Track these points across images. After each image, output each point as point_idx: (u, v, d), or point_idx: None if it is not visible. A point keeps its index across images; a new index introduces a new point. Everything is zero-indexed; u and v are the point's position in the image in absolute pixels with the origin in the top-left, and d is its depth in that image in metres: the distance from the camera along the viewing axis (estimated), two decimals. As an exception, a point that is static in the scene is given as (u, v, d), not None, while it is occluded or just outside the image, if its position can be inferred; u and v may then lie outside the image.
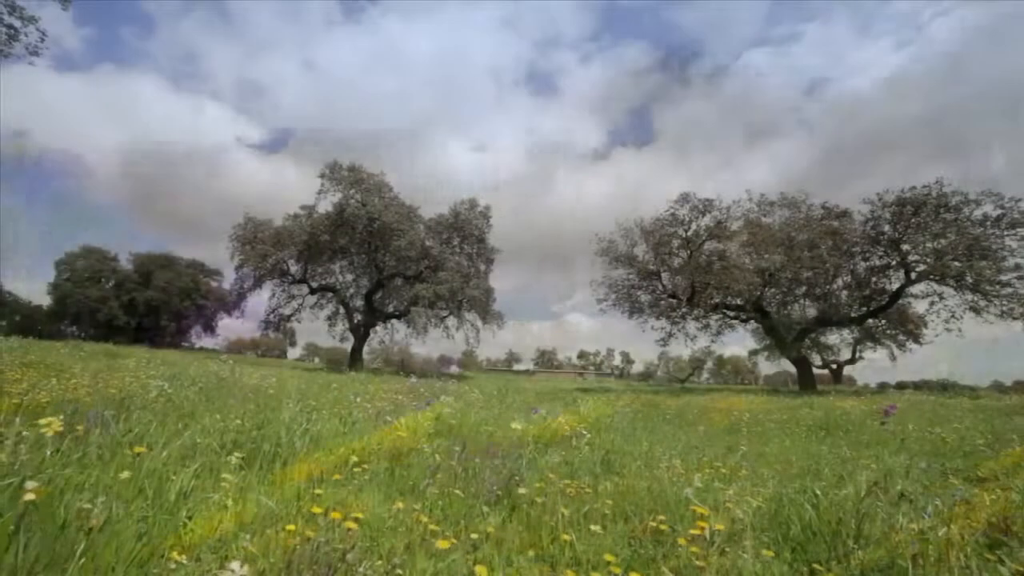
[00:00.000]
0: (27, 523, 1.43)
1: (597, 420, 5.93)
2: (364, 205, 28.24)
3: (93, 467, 2.10)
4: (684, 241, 30.09)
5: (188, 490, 1.92)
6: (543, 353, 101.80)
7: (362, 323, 32.92)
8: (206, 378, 9.15)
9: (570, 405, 11.66)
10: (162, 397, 5.84)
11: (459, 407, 6.00)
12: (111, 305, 59.94)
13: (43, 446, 2.36)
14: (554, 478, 2.80)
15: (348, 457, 3.27)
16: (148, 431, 3.12)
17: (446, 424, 4.89)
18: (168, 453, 2.37)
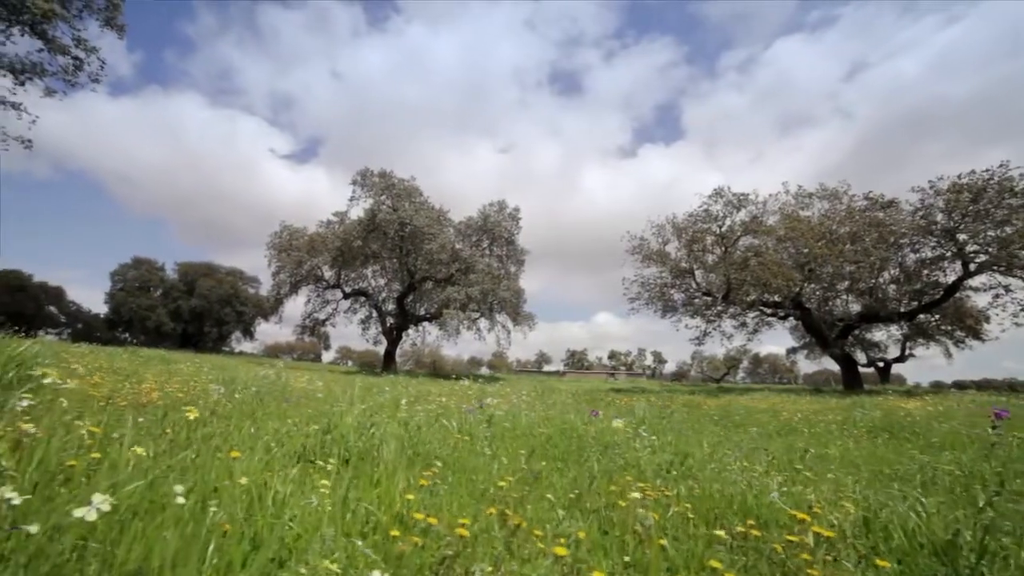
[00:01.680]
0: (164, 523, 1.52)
1: (649, 421, 5.83)
2: (395, 210, 28.82)
3: (196, 470, 2.20)
4: (718, 237, 29.30)
5: (287, 494, 1.99)
6: (573, 354, 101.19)
7: (394, 326, 33.55)
8: (257, 382, 9.51)
9: (610, 406, 11.53)
10: (223, 400, 6.09)
11: (507, 409, 6.02)
12: (159, 312, 63.31)
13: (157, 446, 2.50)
14: (630, 480, 2.76)
15: (413, 460, 3.33)
16: (228, 433, 3.26)
17: (500, 427, 4.91)
18: (259, 457, 2.47)
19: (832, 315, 27.43)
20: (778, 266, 25.19)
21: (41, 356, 5.06)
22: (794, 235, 25.74)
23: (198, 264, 66.00)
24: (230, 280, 63.71)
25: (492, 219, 31.85)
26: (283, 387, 8.80)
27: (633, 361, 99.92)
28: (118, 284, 64.11)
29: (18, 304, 59.60)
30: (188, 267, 65.40)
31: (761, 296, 28.42)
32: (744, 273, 26.38)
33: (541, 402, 9.19)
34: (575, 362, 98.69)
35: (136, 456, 2.30)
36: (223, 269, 65.63)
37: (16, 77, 15.64)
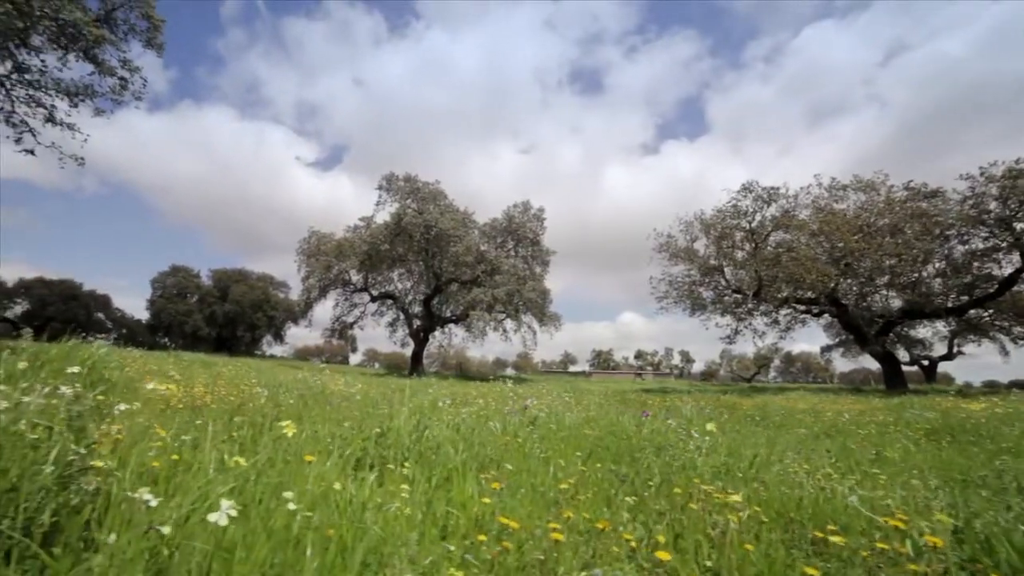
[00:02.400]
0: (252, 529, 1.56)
1: (698, 422, 5.72)
2: (421, 213, 29.21)
3: (276, 474, 2.26)
4: (748, 233, 28.58)
5: (367, 499, 2.02)
6: (599, 354, 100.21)
7: (421, 328, 33.97)
8: (297, 385, 9.76)
9: (646, 407, 11.35)
10: (270, 403, 6.26)
11: (549, 411, 6.00)
12: (195, 318, 65.84)
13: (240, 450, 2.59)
14: (697, 482, 2.70)
15: (468, 463, 3.35)
16: (288, 437, 3.35)
17: (545, 428, 4.89)
18: (331, 462, 2.52)
19: (871, 311, 26.32)
20: (812, 261, 24.36)
21: (108, 360, 5.32)
22: (828, 229, 24.85)
23: (231, 271, 68.34)
24: (261, 285, 65.72)
25: (517, 220, 31.91)
26: (322, 390, 8.99)
27: (660, 361, 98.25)
28: (158, 291, 66.98)
29: (71, 311, 63.02)
30: (222, 273, 67.79)
31: (794, 293, 27.53)
32: (776, 269, 25.62)
33: (577, 403, 9.12)
34: (601, 362, 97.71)
35: (218, 460, 2.38)
36: (254, 275, 67.77)
37: (71, 100, 16.48)
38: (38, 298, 63.44)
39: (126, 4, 17.16)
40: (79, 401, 2.19)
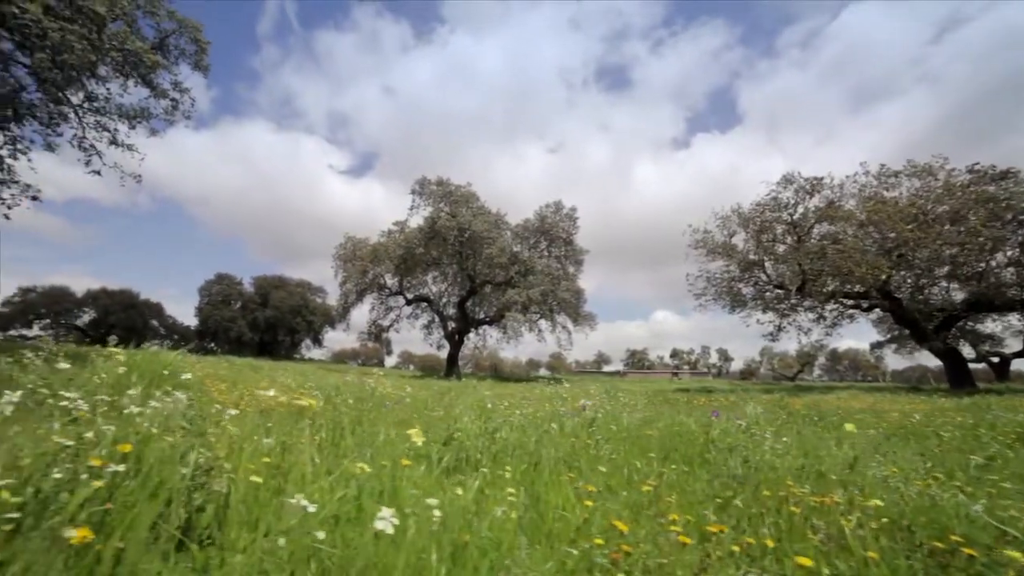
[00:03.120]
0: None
1: (762, 422, 5.53)
2: (454, 216, 29.54)
3: (374, 479, 2.31)
4: (790, 226, 27.50)
5: (468, 503, 2.04)
6: (633, 353, 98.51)
7: (456, 330, 34.35)
8: (348, 388, 10.03)
9: (689, 406, 11.07)
10: (329, 406, 6.45)
11: (605, 411, 5.93)
12: (239, 323, 68.90)
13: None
14: (790, 485, 2.60)
15: (556, 467, 3.34)
16: (366, 441, 3.44)
17: (606, 429, 4.84)
18: (425, 467, 2.57)
19: (929, 305, 24.72)
20: (861, 253, 23.15)
21: (183, 365, 5.63)
22: (878, 219, 23.55)
23: (271, 277, 71.14)
24: (299, 291, 68.12)
25: (549, 220, 31.81)
26: (372, 392, 9.20)
27: (697, 359, 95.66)
28: (204, 298, 70.47)
29: (130, 319, 67.29)
30: (262, 280, 70.67)
31: (840, 287, 26.26)
32: (821, 263, 24.50)
33: (622, 403, 8.98)
34: (635, 362, 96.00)
35: (314, 465, 2.46)
36: (293, 281, 70.30)
37: (130, 123, 17.55)
38: (102, 307, 68.05)
39: (177, 31, 18.13)
40: (192, 406, 2.32)
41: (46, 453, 1.86)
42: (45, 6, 12.52)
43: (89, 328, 66.16)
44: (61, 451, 1.81)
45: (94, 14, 13.77)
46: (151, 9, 17.10)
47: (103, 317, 67.18)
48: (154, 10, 17.19)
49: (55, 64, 13.96)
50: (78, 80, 15.92)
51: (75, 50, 13.20)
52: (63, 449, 1.85)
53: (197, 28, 18.30)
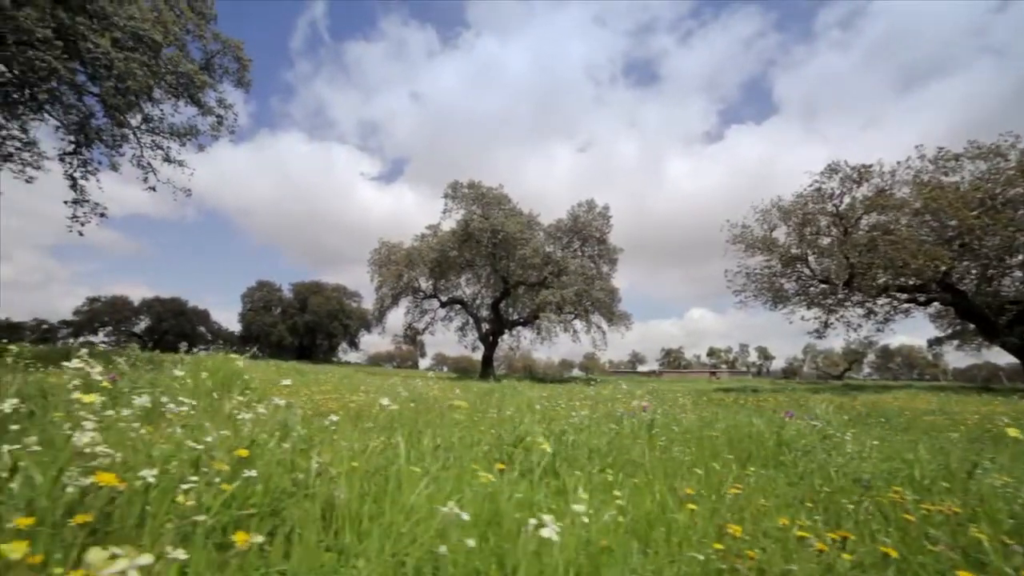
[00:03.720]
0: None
1: (835, 422, 5.32)
2: (487, 218, 29.76)
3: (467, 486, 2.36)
4: (835, 217, 26.26)
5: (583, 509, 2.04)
6: (668, 352, 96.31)
7: (490, 332, 34.58)
8: (394, 390, 10.27)
9: (737, 406, 10.73)
10: (384, 412, 6.60)
11: (661, 413, 5.84)
12: (279, 328, 71.67)
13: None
14: (899, 491, 2.49)
15: (654, 471, 3.32)
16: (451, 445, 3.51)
17: (667, 431, 4.76)
18: (517, 473, 2.60)
19: (1000, 297, 23.00)
20: (917, 244, 21.82)
21: (247, 371, 5.91)
22: (937, 206, 22.12)
23: (308, 283, 73.64)
24: (336, 296, 70.21)
25: (582, 219, 31.60)
26: (420, 395, 9.37)
27: (735, 358, 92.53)
28: (247, 305, 73.68)
29: (180, 326, 71.25)
30: (300, 286, 73.26)
31: (894, 280, 24.85)
32: (871, 255, 23.26)
33: (671, 404, 8.81)
34: (671, 361, 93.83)
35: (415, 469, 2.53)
36: (329, 286, 72.52)
37: (180, 140, 18.53)
38: (156, 315, 72.33)
39: (221, 51, 19.03)
40: (291, 411, 2.45)
41: (176, 459, 1.99)
42: (112, 39, 13.41)
43: (145, 334, 70.54)
44: (189, 455, 1.93)
45: (152, 41, 14.67)
46: (199, 33, 18.01)
47: (157, 324, 71.45)
48: (201, 34, 18.10)
49: (118, 91, 14.94)
50: (137, 104, 16.95)
51: (137, 76, 14.09)
52: (190, 452, 1.97)
53: (239, 47, 19.15)
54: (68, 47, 12.78)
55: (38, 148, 15.27)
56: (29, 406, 1.95)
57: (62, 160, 16.68)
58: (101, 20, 13.68)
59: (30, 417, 2.28)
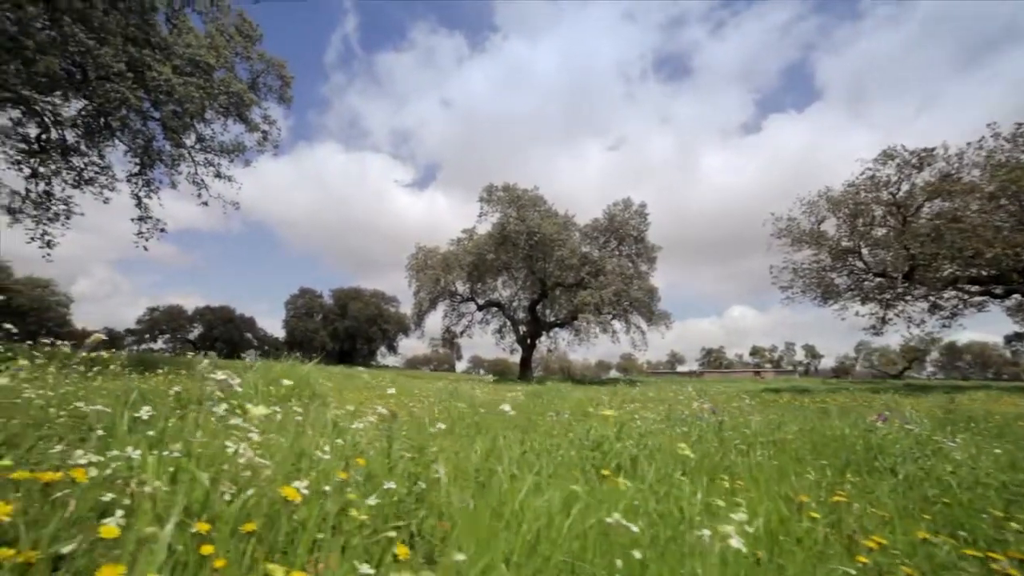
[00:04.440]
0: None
1: (930, 426, 4.97)
2: (523, 220, 29.80)
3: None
4: (891, 206, 24.71)
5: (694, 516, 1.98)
6: (709, 352, 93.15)
7: (528, 334, 34.57)
8: (443, 394, 10.40)
9: (792, 408, 10.23)
10: (444, 414, 6.66)
11: (728, 415, 5.64)
12: (321, 334, 74.22)
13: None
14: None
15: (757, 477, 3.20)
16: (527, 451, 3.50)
17: (740, 433, 4.58)
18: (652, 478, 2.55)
19: (1094, 288, 20.96)
20: (993, 231, 20.17)
21: (314, 376, 6.12)
22: (1017, 188, 20.30)
23: (347, 290, 75.93)
24: (374, 301, 72.06)
25: (618, 218, 31.14)
26: (472, 398, 9.45)
27: (780, 357, 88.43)
28: (290, 311, 76.72)
29: (229, 333, 75.07)
30: (340, 293, 75.62)
31: (963, 271, 23.11)
32: (935, 245, 21.70)
33: (722, 405, 8.47)
34: (712, 361, 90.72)
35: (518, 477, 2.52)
36: (368, 292, 74.50)
37: (229, 157, 19.49)
38: (207, 322, 76.46)
39: (265, 70, 19.92)
40: (395, 419, 2.49)
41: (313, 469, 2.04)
42: (173, 66, 14.32)
43: (198, 341, 74.79)
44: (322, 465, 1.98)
45: (207, 65, 15.55)
46: (246, 55, 18.93)
47: (208, 331, 75.52)
48: (248, 55, 19.01)
49: (176, 114, 15.91)
50: (191, 125, 17.98)
51: (194, 99, 14.97)
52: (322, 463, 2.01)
53: (282, 65, 19.99)
54: (136, 77, 13.71)
55: (112, 171, 16.38)
56: (163, 413, 2.08)
57: (129, 181, 17.90)
58: (163, 51, 14.62)
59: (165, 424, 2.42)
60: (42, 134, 14.69)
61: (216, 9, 16.82)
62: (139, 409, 2.08)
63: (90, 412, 1.62)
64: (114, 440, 1.79)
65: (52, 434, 2.16)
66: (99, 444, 1.62)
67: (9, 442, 1.94)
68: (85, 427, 2.31)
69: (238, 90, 17.21)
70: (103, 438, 1.76)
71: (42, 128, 14.55)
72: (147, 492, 1.21)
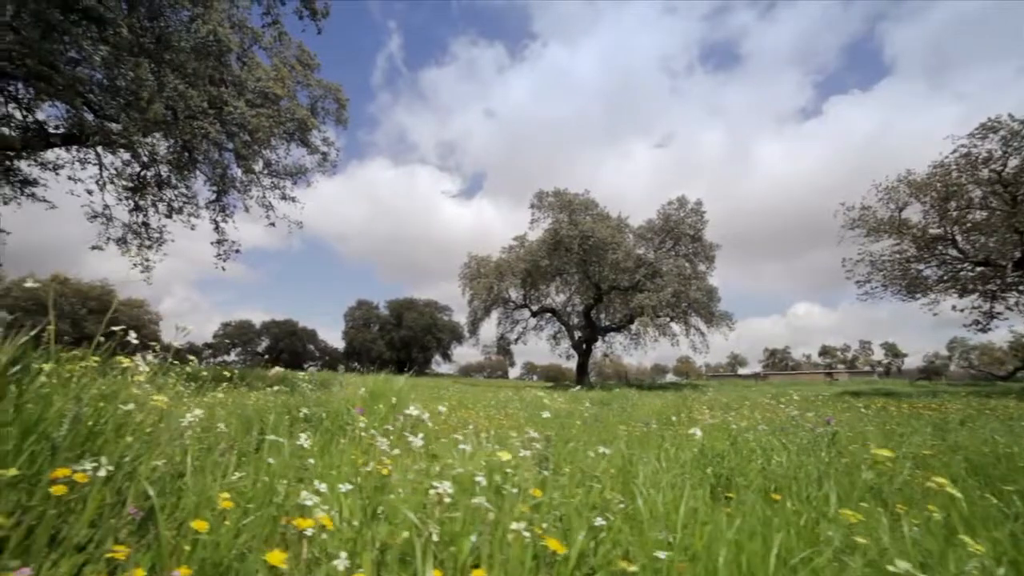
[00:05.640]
0: None
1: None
2: (575, 225, 29.47)
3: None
4: (996, 185, 22.05)
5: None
6: (772, 353, 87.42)
7: (583, 339, 34.02)
8: (513, 402, 10.33)
9: (900, 415, 9.19)
10: (530, 424, 6.53)
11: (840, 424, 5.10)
12: (378, 344, 77.03)
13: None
14: None
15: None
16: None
17: (859, 447, 4.10)
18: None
19: None
20: None
21: (410, 392, 6.16)
22: None
23: (402, 300, 78.43)
24: (428, 311, 73.92)
25: (674, 218, 30.07)
26: (551, 408, 9.25)
27: (855, 357, 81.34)
28: (349, 323, 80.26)
29: (292, 344, 79.60)
30: (395, 303, 78.24)
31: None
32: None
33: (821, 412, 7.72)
34: (776, 362, 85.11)
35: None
36: (421, 302, 76.58)
37: (292, 179, 20.60)
38: (273, 335, 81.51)
39: (324, 95, 21.00)
40: (549, 443, 2.38)
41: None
42: (246, 100, 15.43)
43: (266, 352, 79.95)
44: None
45: (274, 96, 16.62)
46: (307, 83, 20.04)
47: (275, 343, 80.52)
48: (308, 83, 20.11)
49: (246, 143, 17.08)
50: (260, 152, 19.24)
51: (264, 128, 16.02)
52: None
53: (338, 89, 21.00)
54: (216, 113, 14.89)
55: (197, 200, 17.82)
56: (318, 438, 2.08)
57: (207, 207, 19.40)
58: (237, 86, 15.79)
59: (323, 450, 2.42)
60: (141, 171, 16.24)
61: (279, 43, 17.93)
62: (297, 436, 2.08)
63: (268, 442, 1.60)
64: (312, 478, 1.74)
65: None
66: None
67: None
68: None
69: (302, 116, 18.25)
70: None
71: (141, 166, 16.08)
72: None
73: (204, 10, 13.82)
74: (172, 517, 1.37)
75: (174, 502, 1.44)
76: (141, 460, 1.44)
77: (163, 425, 1.69)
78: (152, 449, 1.50)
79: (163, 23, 12.59)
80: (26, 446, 1.28)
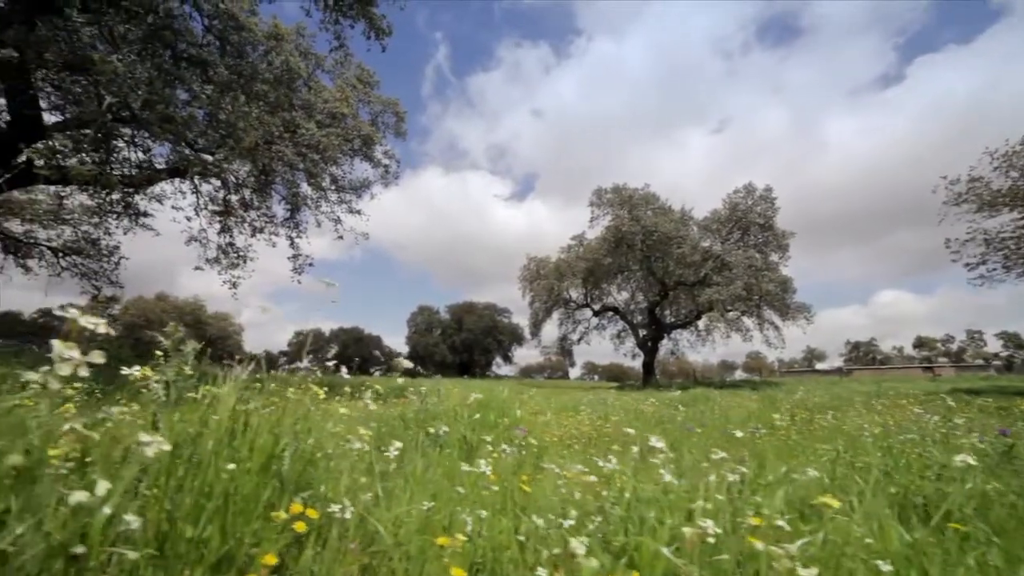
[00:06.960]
0: None
1: None
2: (637, 221, 28.49)
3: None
4: None
5: None
6: (856, 346, 79.55)
7: (648, 337, 32.83)
8: (603, 405, 10.02)
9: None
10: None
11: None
12: (441, 348, 79.15)
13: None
14: None
15: None
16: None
17: None
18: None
19: None
20: None
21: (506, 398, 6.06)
22: None
23: (462, 304, 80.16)
24: (487, 314, 75.00)
25: (741, 207, 28.23)
26: (634, 410, 8.93)
27: (962, 348, 71.98)
28: (412, 328, 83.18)
29: (359, 350, 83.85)
30: (455, 308, 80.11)
31: None
32: None
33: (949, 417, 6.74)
34: (860, 356, 77.37)
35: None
36: (480, 305, 77.85)
37: (357, 193, 21.50)
38: (342, 342, 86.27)
39: (384, 109, 21.77)
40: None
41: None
42: (316, 121, 16.38)
43: (336, 358, 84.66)
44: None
45: (341, 115, 17.49)
46: (368, 99, 20.90)
47: (344, 350, 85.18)
48: (369, 99, 20.96)
49: (314, 161, 18.08)
50: (327, 169, 20.29)
51: (333, 146, 16.90)
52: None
53: (396, 103, 21.72)
54: (290, 136, 15.92)
55: (275, 219, 19.13)
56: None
57: (283, 225, 20.75)
58: (307, 110, 16.78)
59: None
60: (227, 195, 17.69)
61: (341, 65, 18.81)
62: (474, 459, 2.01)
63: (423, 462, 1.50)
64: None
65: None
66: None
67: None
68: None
69: (367, 132, 19.06)
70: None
71: (228, 191, 17.52)
72: None
73: (276, 43, 14.85)
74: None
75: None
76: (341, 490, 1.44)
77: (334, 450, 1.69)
78: (338, 478, 1.50)
79: (248, 59, 13.71)
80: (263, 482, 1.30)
